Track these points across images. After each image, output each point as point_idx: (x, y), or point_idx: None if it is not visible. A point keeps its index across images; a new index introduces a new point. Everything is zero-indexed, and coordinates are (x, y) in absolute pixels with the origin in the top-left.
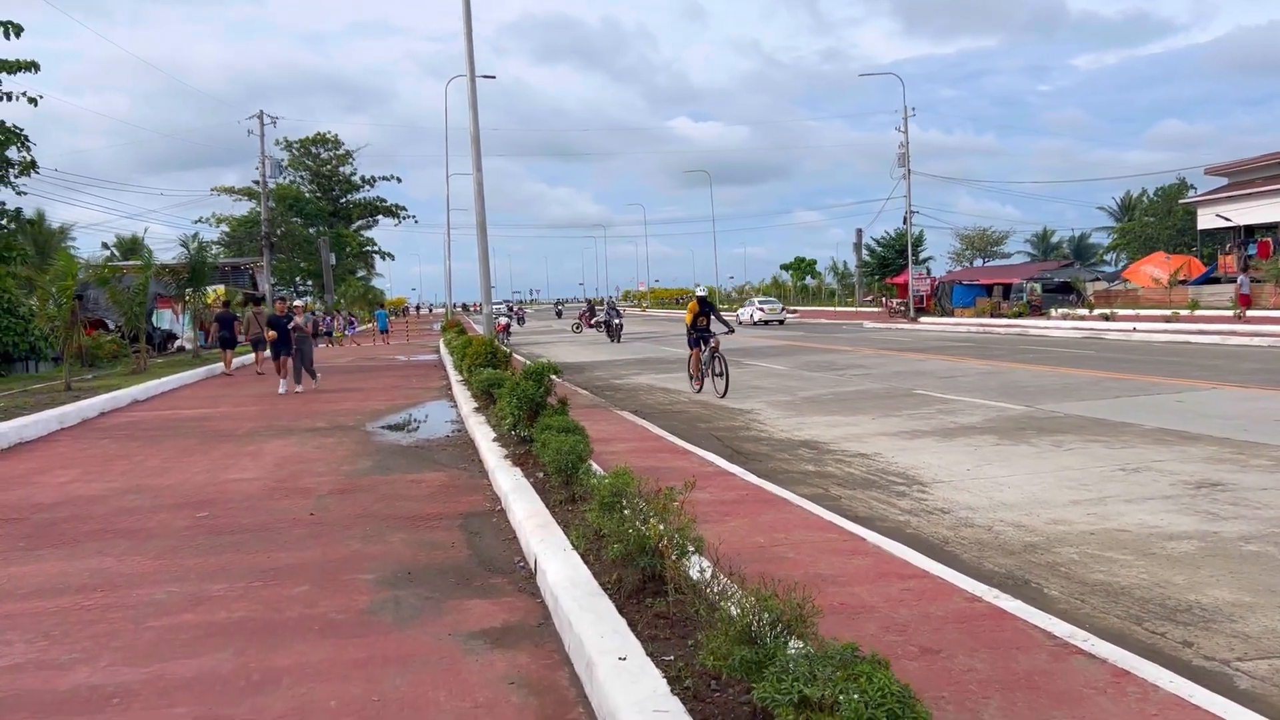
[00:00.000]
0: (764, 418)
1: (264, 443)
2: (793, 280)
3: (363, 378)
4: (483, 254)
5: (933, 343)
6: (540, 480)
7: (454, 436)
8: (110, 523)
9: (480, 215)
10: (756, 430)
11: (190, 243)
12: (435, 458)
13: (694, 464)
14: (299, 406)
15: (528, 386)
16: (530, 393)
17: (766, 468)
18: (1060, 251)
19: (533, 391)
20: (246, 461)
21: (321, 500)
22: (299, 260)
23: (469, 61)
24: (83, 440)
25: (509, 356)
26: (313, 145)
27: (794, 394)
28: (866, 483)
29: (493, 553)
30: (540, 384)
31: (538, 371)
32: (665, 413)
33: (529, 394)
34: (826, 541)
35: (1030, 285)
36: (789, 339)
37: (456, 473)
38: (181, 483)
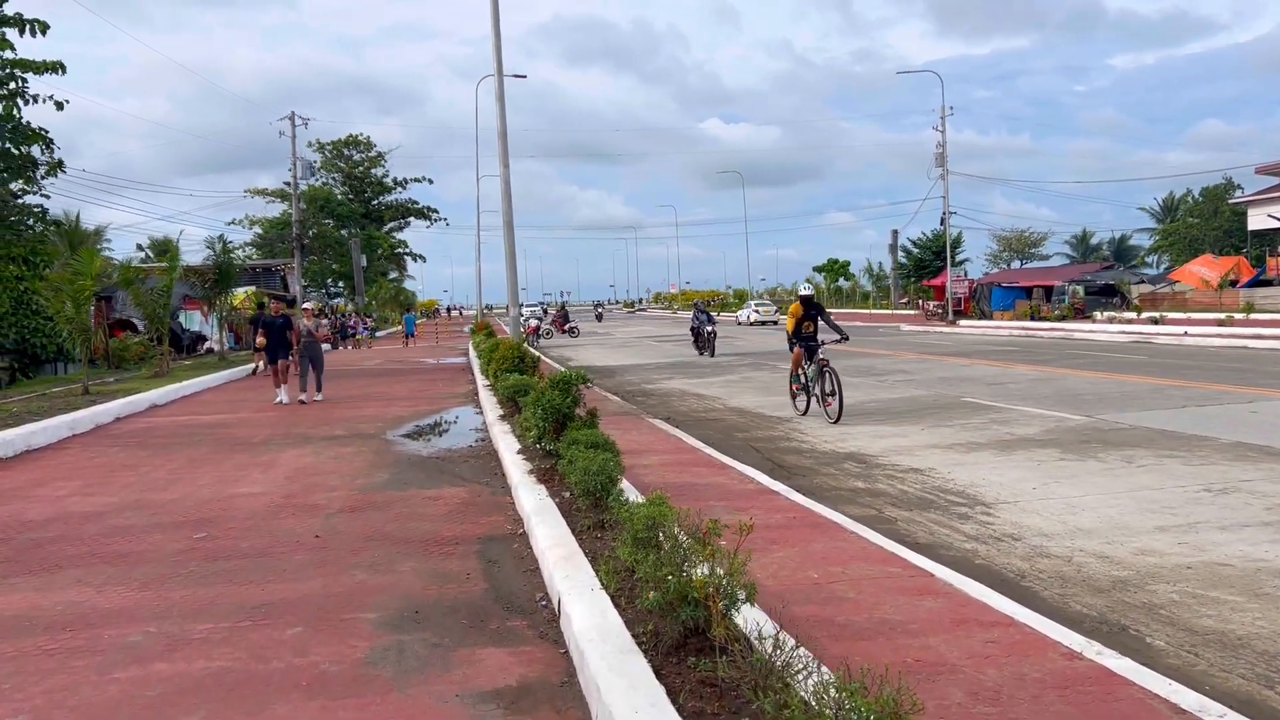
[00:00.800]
0: (805, 427)
1: (278, 452)
2: (826, 282)
3: (389, 382)
4: (510, 252)
5: (974, 346)
6: (566, 501)
7: (477, 447)
8: (99, 545)
9: (507, 213)
10: (797, 441)
11: (216, 244)
12: (456, 470)
13: (733, 480)
14: (320, 413)
15: (554, 397)
16: (557, 403)
17: (811, 484)
18: (1100, 253)
19: (559, 402)
20: (257, 474)
21: (330, 520)
22: (331, 262)
23: (496, 53)
24: (92, 448)
25: (537, 361)
26: (345, 147)
27: None
28: (923, 503)
29: (512, 586)
30: (568, 394)
31: (565, 380)
32: (699, 421)
33: (555, 405)
34: (889, 577)
35: (1072, 288)
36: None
37: (477, 488)
38: (184, 498)
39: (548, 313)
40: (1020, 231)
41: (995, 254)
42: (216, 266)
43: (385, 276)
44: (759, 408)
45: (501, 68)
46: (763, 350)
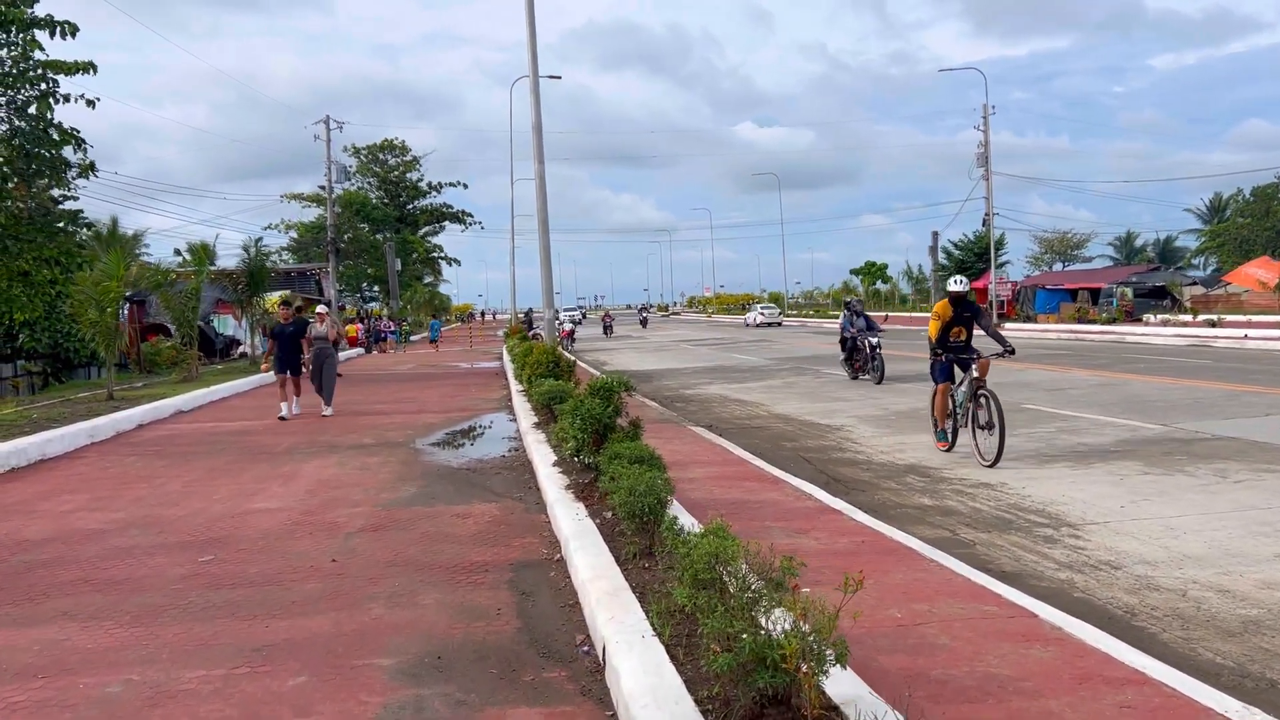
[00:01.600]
0: (857, 436)
1: (302, 462)
2: (864, 285)
3: (420, 386)
4: (544, 253)
5: (1024, 350)
6: (608, 522)
7: (510, 457)
8: (96, 569)
9: (542, 212)
10: (851, 451)
11: (250, 247)
12: (488, 484)
13: (788, 496)
14: (348, 420)
15: (594, 405)
16: (597, 413)
17: (873, 500)
18: (1144, 255)
19: (600, 411)
20: (276, 486)
21: (349, 541)
22: (366, 266)
23: (530, 43)
24: (109, 457)
25: (573, 365)
26: (380, 152)
27: (885, 407)
28: (1001, 523)
29: (549, 625)
30: (609, 402)
31: (605, 387)
32: (744, 429)
33: (595, 414)
34: (985, 617)
35: (1120, 289)
36: None
37: (510, 505)
38: (195, 514)
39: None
40: (1062, 233)
41: (1036, 256)
42: (248, 270)
43: (420, 280)
44: (806, 414)
45: (536, 57)
46: (805, 355)
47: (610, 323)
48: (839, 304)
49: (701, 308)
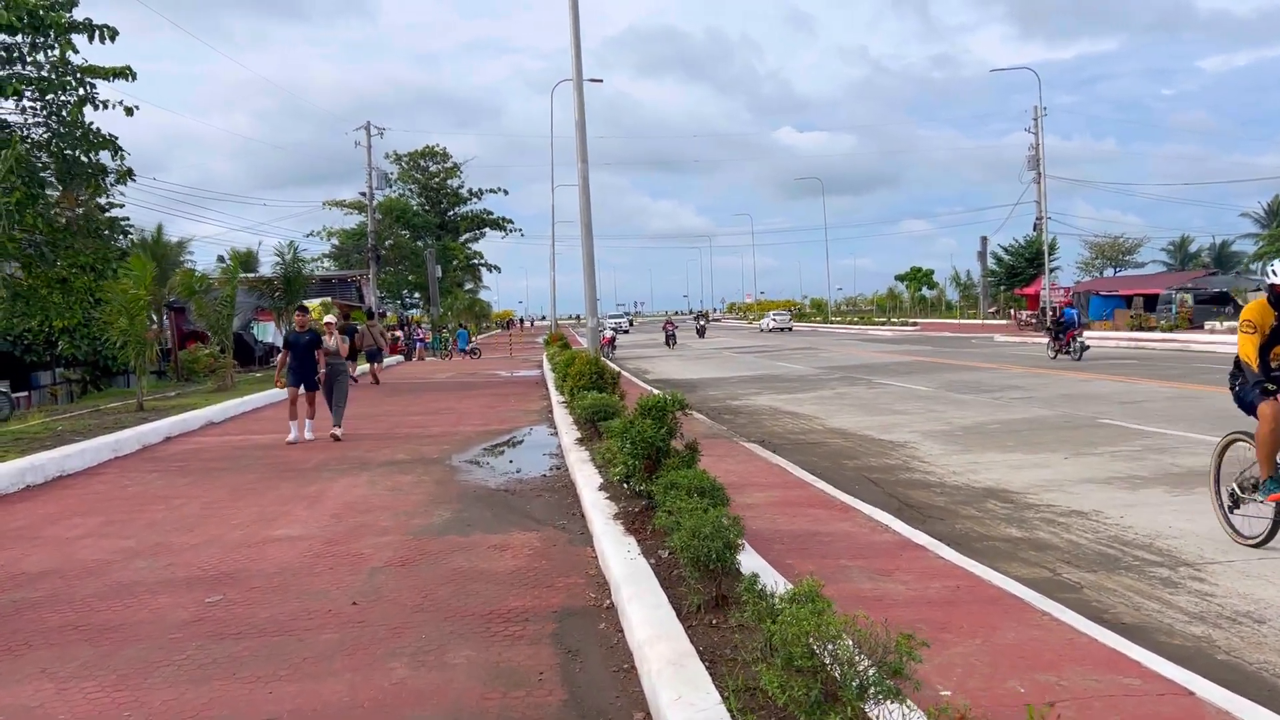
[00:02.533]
0: (924, 453)
1: (330, 481)
2: (909, 291)
3: (458, 397)
4: (588, 256)
5: (1084, 359)
6: (665, 562)
7: (552, 477)
8: (91, 612)
9: (585, 214)
10: (920, 471)
11: (286, 253)
12: (527, 508)
13: (861, 527)
14: (382, 433)
15: (645, 427)
16: (649, 436)
17: (954, 531)
18: (1200, 260)
19: (652, 434)
20: (300, 510)
21: (374, 578)
22: (407, 273)
23: (574, 38)
24: (130, 474)
25: (617, 377)
26: (421, 158)
27: (950, 422)
28: (1105, 560)
29: (600, 698)
30: (662, 423)
31: (659, 406)
32: (799, 445)
33: (647, 438)
34: (1129, 694)
35: (1180, 296)
36: (916, 354)
37: (553, 534)
38: (210, 542)
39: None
40: (1114, 238)
41: (1087, 261)
42: (284, 276)
43: (460, 287)
44: (863, 429)
45: (579, 52)
46: (854, 364)
47: (673, 330)
48: (883, 310)
49: (742, 314)
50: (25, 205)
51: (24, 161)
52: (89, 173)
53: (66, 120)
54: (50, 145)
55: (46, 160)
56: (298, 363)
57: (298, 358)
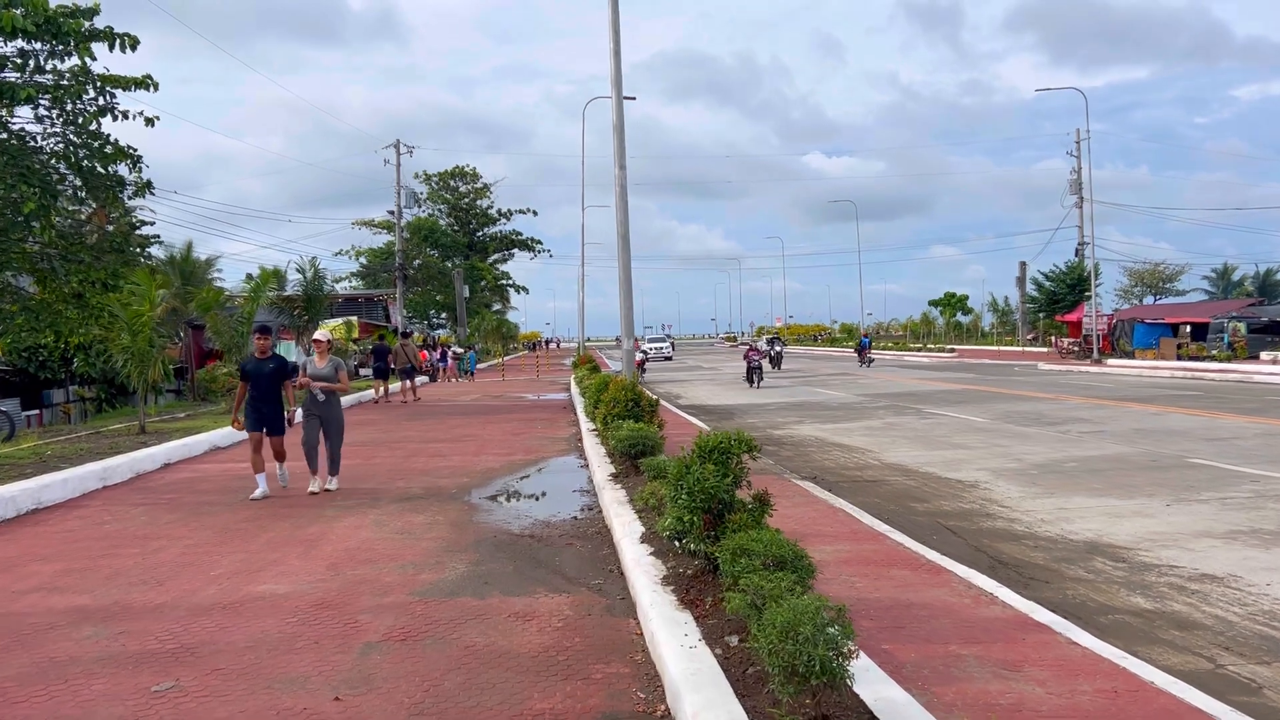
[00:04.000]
0: (1000, 495)
1: (333, 520)
2: (944, 317)
3: (482, 422)
4: (624, 271)
5: (1144, 390)
6: (735, 654)
7: (584, 521)
8: (5, 702)
9: (623, 225)
10: (1002, 518)
11: (306, 269)
12: (557, 561)
13: (961, 596)
14: (399, 462)
15: (706, 475)
16: (712, 486)
17: (1067, 599)
18: (1244, 289)
19: (716, 484)
20: (293, 557)
21: (366, 658)
22: (435, 293)
23: (613, 30)
24: (113, 507)
25: (655, 404)
26: (451, 178)
27: (1019, 458)
28: (1274, 647)
29: None
30: (727, 470)
31: (722, 448)
32: (857, 483)
33: (710, 488)
34: None
35: (1233, 324)
36: (960, 381)
37: (587, 599)
38: (179, 601)
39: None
40: (1154, 265)
41: (1126, 289)
42: (305, 294)
43: (488, 308)
44: (925, 465)
45: (619, 45)
46: (897, 391)
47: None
48: (917, 335)
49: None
50: (37, 216)
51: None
52: (107, 185)
53: (83, 130)
54: (66, 155)
55: (64, 171)
56: (259, 398)
57: (259, 392)
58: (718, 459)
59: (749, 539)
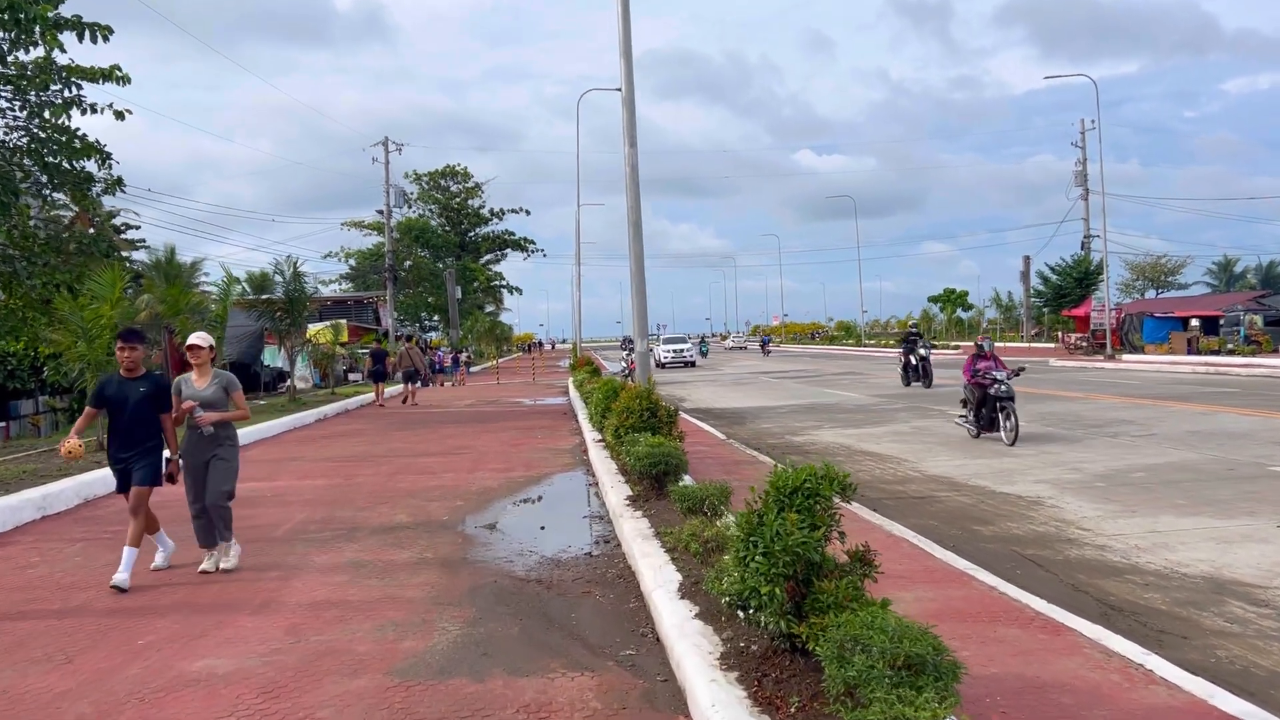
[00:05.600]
0: (1072, 513)
1: (298, 565)
2: (945, 313)
3: (477, 431)
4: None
5: (1172, 386)
6: None
7: (601, 559)
8: None
9: (634, 212)
10: (1089, 544)
11: (286, 268)
12: (571, 618)
13: (1103, 671)
14: (384, 481)
15: (790, 529)
16: (796, 543)
17: (1220, 663)
18: (1246, 282)
19: (804, 541)
20: (246, 614)
21: None
22: (426, 294)
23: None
24: (45, 544)
25: (674, 414)
26: (442, 178)
27: (1077, 468)
28: None
29: None
30: (814, 518)
31: (807, 489)
32: (902, 500)
33: (795, 545)
34: None
35: (1249, 317)
36: None
37: (617, 679)
38: (87, 689)
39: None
40: (1156, 258)
41: (1127, 282)
42: (286, 296)
43: (481, 309)
44: (972, 477)
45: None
46: (915, 392)
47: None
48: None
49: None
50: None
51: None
52: (74, 181)
53: (49, 124)
54: (31, 150)
55: (29, 166)
56: (122, 436)
57: (121, 426)
58: (802, 504)
59: (861, 624)
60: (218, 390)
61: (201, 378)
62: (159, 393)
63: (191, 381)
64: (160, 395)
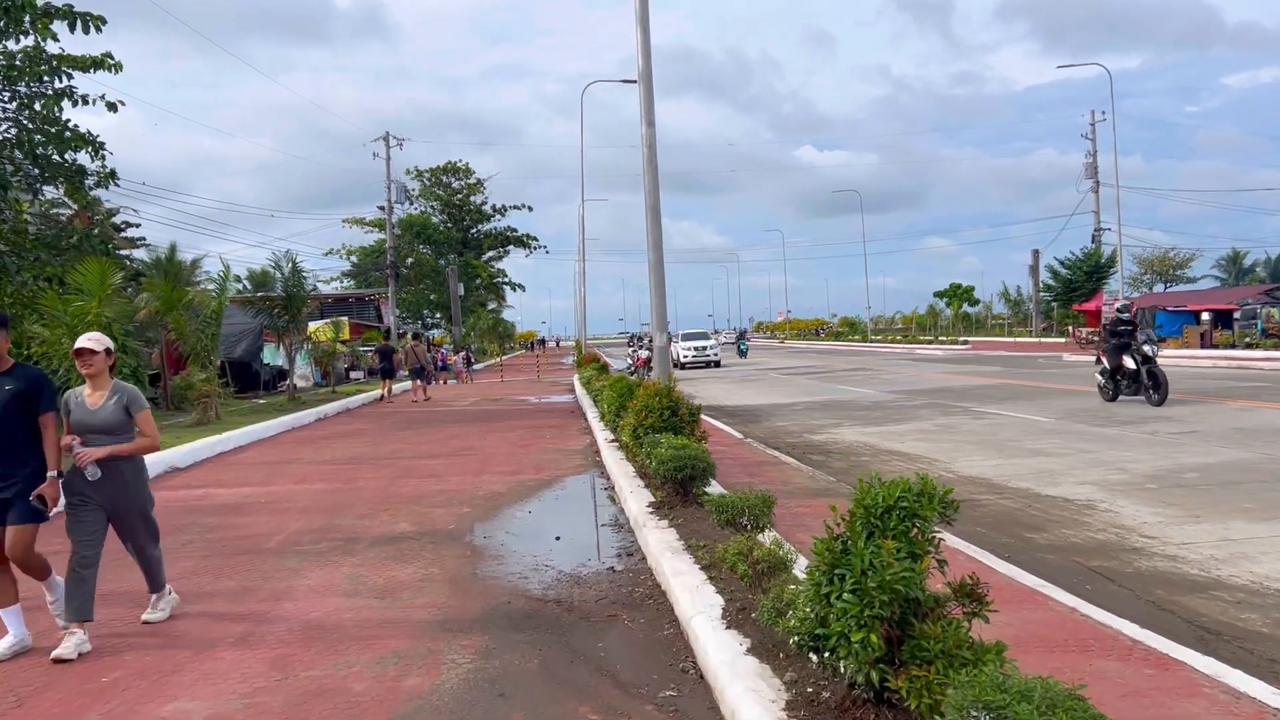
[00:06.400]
0: (1129, 519)
1: (294, 575)
2: (952, 308)
3: (482, 431)
4: (655, 252)
5: (1198, 381)
6: None
7: (625, 574)
8: None
9: (652, 195)
10: (1156, 553)
11: (284, 264)
12: (599, 651)
13: (1229, 715)
14: (385, 484)
15: (886, 559)
16: (900, 580)
17: None
18: (1256, 275)
19: (906, 576)
20: (229, 643)
21: None
22: (428, 291)
23: None
24: None
25: (697, 413)
26: (444, 174)
27: (1121, 467)
28: None
29: None
30: (911, 546)
31: (904, 509)
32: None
33: (896, 583)
34: None
35: (1266, 310)
36: (990, 375)
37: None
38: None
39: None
40: (1164, 251)
41: (1135, 276)
42: (285, 292)
43: (484, 307)
44: (1012, 479)
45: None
46: (929, 387)
47: None
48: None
49: (770, 333)
50: None
51: None
52: (66, 174)
53: (39, 115)
54: (20, 141)
55: (21, 159)
56: None
57: None
58: (898, 528)
59: (990, 684)
60: (117, 410)
61: (96, 392)
62: (26, 392)
63: (83, 397)
64: (26, 396)
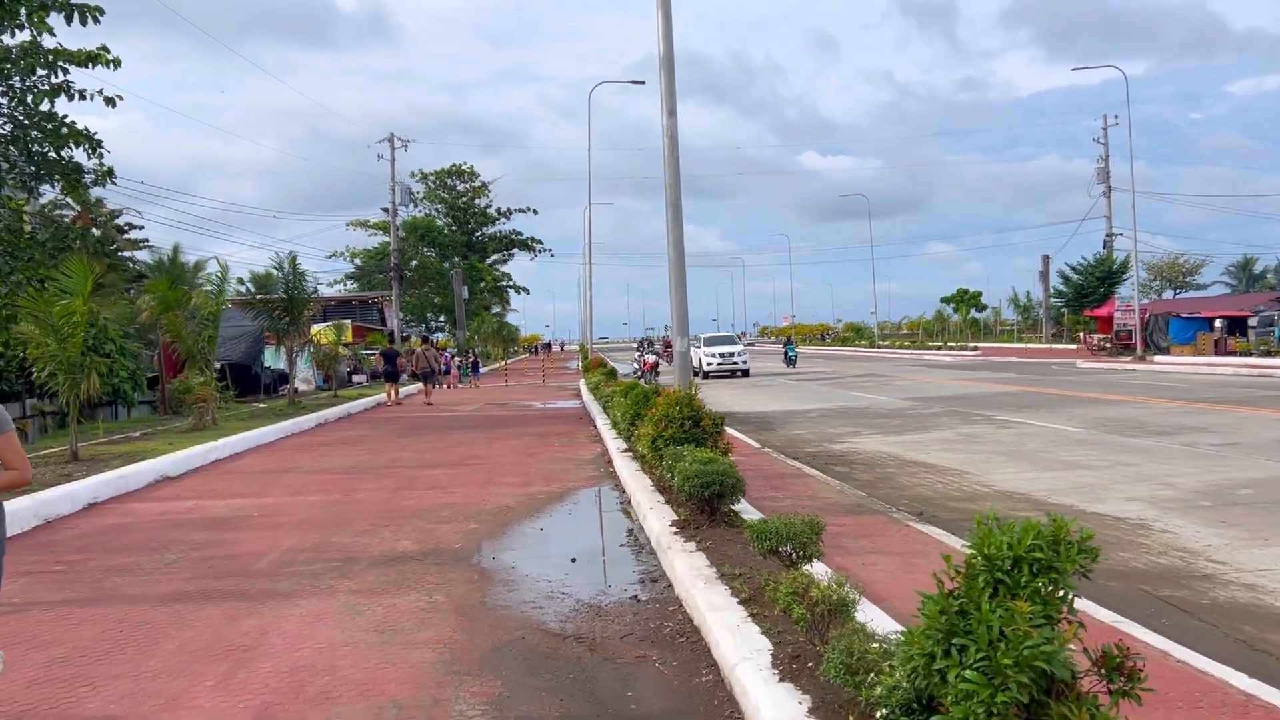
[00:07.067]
0: (1189, 540)
1: (284, 606)
2: (960, 314)
3: (488, 438)
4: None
5: (1223, 389)
6: None
7: (651, 606)
8: None
9: (673, 190)
10: (1230, 581)
11: (284, 265)
12: (627, 703)
13: None
14: (386, 496)
15: (1020, 626)
16: (1040, 653)
17: None
18: (1266, 282)
19: (1046, 650)
20: (206, 686)
21: None
22: (432, 295)
23: None
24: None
25: (721, 423)
26: (448, 177)
27: (1166, 482)
28: None
29: None
30: (1046, 610)
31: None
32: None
33: (1035, 657)
34: None
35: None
36: (1005, 382)
37: None
38: None
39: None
40: (1174, 257)
41: (1144, 283)
42: (286, 294)
43: (488, 310)
44: (1051, 494)
45: None
46: (945, 394)
47: None
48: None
49: (776, 338)
50: None
51: None
52: (62, 171)
53: (34, 110)
54: (15, 138)
55: (15, 156)
56: None
57: None
58: (1030, 584)
59: None
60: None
61: None
62: None
63: None
64: None
